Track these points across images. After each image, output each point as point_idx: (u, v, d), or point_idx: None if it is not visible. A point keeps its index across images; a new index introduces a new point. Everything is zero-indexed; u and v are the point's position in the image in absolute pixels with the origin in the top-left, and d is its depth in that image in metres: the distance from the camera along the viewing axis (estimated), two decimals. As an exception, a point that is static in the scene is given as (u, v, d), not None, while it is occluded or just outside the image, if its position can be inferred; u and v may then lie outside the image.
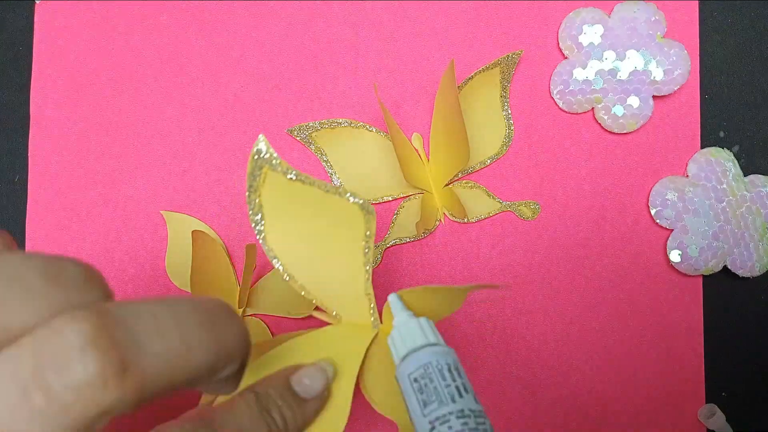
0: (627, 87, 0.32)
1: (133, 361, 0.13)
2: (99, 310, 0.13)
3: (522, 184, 0.33)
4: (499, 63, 0.32)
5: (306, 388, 0.22)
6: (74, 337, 0.12)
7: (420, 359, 0.20)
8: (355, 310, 0.26)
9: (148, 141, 0.34)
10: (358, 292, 0.25)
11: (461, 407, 0.18)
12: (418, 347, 0.20)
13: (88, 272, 0.14)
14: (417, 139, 0.33)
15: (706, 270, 0.32)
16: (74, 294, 0.13)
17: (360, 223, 0.23)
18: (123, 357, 0.13)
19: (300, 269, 0.25)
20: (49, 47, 0.35)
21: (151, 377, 0.13)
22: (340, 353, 0.25)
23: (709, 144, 0.33)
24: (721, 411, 0.31)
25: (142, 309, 0.14)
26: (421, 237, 0.33)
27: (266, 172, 0.22)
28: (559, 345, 0.32)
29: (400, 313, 0.23)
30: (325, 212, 0.23)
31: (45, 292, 0.13)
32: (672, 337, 0.32)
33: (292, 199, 0.23)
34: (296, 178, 0.22)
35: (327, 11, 0.34)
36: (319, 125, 0.33)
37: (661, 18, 0.32)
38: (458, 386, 0.19)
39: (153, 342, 0.13)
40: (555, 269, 0.33)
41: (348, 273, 0.25)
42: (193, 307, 0.15)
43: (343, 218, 0.23)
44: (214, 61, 0.34)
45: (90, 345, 0.12)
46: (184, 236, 0.33)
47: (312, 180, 0.22)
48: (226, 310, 0.16)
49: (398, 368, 0.21)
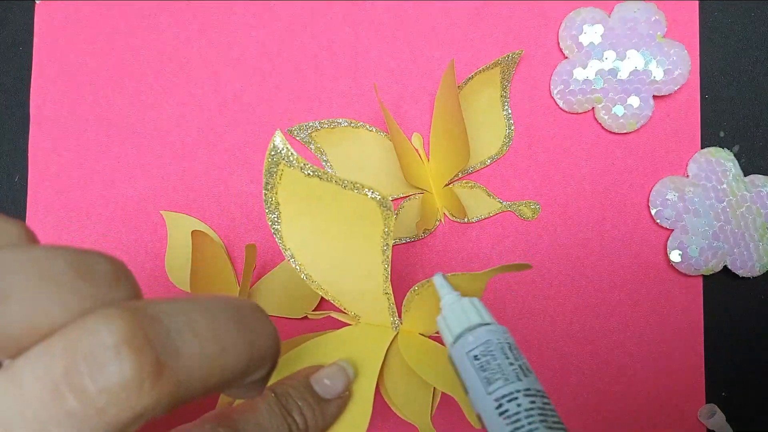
0: (627, 87, 0.32)
1: (168, 362, 0.12)
2: (133, 307, 0.12)
3: (522, 184, 0.33)
4: (499, 63, 0.32)
5: (327, 388, 0.22)
6: (109, 336, 0.12)
7: (480, 336, 0.19)
8: (374, 309, 0.26)
9: (148, 141, 0.34)
10: (376, 291, 0.25)
11: (527, 386, 0.17)
12: (475, 326, 0.19)
13: (119, 267, 0.14)
14: (417, 139, 0.33)
15: (706, 270, 0.32)
16: (105, 290, 0.13)
17: (378, 220, 0.22)
18: (159, 358, 0.12)
19: (317, 268, 0.24)
20: (49, 47, 0.35)
21: (187, 379, 0.13)
22: (360, 354, 0.25)
23: (709, 144, 0.33)
24: (721, 411, 0.31)
25: (176, 307, 0.13)
26: (421, 237, 0.33)
27: (283, 169, 0.21)
28: (559, 345, 0.32)
29: (449, 293, 0.21)
30: (343, 209, 0.22)
31: (75, 288, 0.12)
32: (672, 337, 0.32)
33: (309, 195, 0.22)
34: (313, 173, 0.21)
35: (327, 11, 0.34)
36: (319, 125, 0.33)
37: (661, 18, 0.32)
38: (521, 365, 0.18)
39: (188, 342, 0.13)
40: (555, 269, 0.33)
41: (366, 271, 0.24)
42: (226, 306, 0.14)
43: (360, 214, 0.22)
44: (214, 61, 0.34)
45: (125, 345, 0.12)
46: (184, 236, 0.33)
47: (329, 175, 0.21)
48: (258, 310, 0.15)
49: (453, 347, 0.19)
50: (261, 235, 0.34)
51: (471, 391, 0.18)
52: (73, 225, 0.34)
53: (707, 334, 0.32)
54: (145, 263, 0.34)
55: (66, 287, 0.12)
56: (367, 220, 0.22)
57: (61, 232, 0.34)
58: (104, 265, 0.13)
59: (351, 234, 0.23)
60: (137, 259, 0.34)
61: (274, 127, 0.34)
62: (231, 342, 0.14)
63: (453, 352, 0.19)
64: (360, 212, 0.22)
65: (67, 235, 0.34)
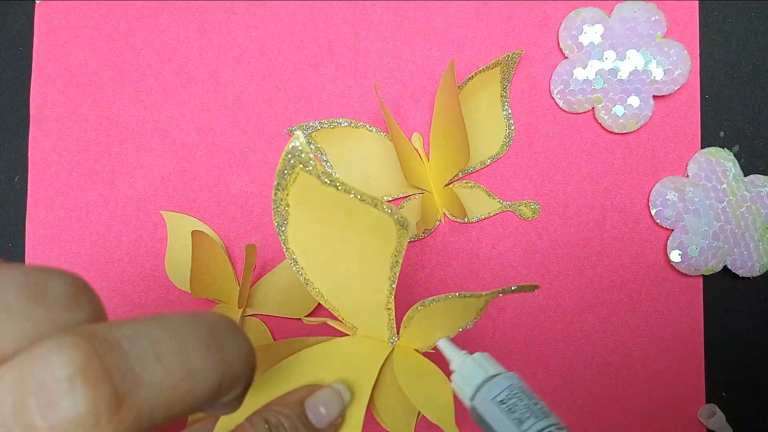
0: (627, 87, 0.32)
1: (128, 392, 0.11)
2: (88, 333, 0.11)
3: (522, 184, 0.33)
4: (499, 63, 0.32)
5: (321, 417, 0.22)
6: (60, 367, 0.11)
7: (500, 384, 0.20)
8: (373, 323, 0.25)
9: (148, 141, 0.34)
10: (378, 305, 0.25)
11: (555, 421, 0.18)
12: (492, 375, 0.20)
13: (76, 286, 0.12)
14: (417, 139, 0.33)
15: (706, 270, 0.32)
16: (60, 314, 0.12)
17: (392, 238, 0.22)
18: (117, 389, 0.11)
19: (319, 275, 0.24)
20: (49, 47, 0.35)
21: (149, 409, 0.12)
22: (355, 368, 0.25)
23: (709, 144, 0.33)
24: (721, 411, 0.31)
25: (138, 330, 0.12)
26: (421, 237, 0.33)
27: (298, 172, 0.20)
28: (560, 345, 0.32)
29: (457, 354, 0.22)
30: (357, 221, 0.21)
31: (26, 313, 0.11)
32: (672, 337, 0.32)
33: (321, 203, 0.21)
34: (330, 183, 0.20)
35: (327, 11, 0.34)
36: (319, 125, 0.33)
37: (661, 18, 0.32)
38: (542, 405, 0.19)
39: (151, 369, 0.12)
40: (555, 269, 0.33)
41: (370, 285, 0.24)
42: (195, 326, 0.13)
43: (375, 230, 0.22)
44: (214, 61, 0.34)
45: (79, 377, 0.11)
46: (184, 236, 0.33)
47: (347, 187, 0.20)
48: (231, 326, 0.14)
49: (476, 399, 0.20)
50: (261, 235, 0.34)
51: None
52: (73, 225, 0.34)
53: (707, 334, 0.32)
54: (145, 263, 0.34)
55: (16, 312, 0.11)
56: (380, 236, 0.22)
57: (61, 232, 0.34)
58: (60, 285, 0.12)
59: (361, 247, 0.22)
60: (137, 259, 0.34)
61: (274, 127, 0.34)
62: (200, 364, 0.13)
63: (477, 404, 0.20)
64: (375, 227, 0.22)
65: (67, 235, 0.34)
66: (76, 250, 0.34)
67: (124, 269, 0.34)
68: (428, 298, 0.23)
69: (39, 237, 0.35)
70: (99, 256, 0.34)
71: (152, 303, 0.34)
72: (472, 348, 0.32)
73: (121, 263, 0.34)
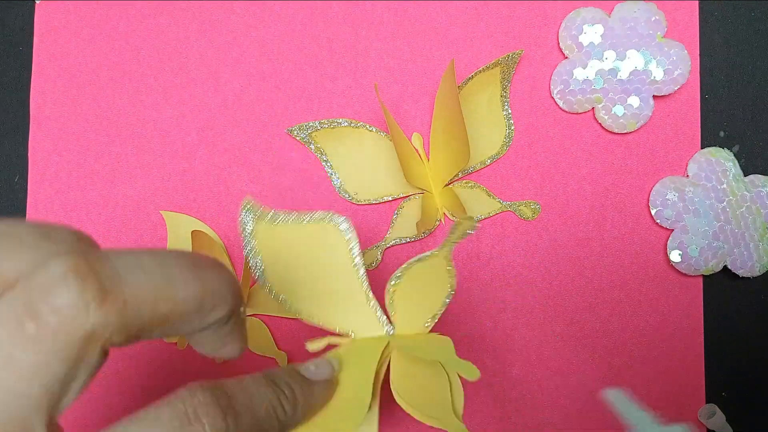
0: (627, 87, 0.32)
1: (112, 287, 0.14)
2: (83, 250, 0.14)
3: (522, 184, 0.33)
4: (499, 63, 0.32)
5: (312, 373, 0.23)
6: (56, 267, 0.14)
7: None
8: (364, 322, 0.26)
9: (148, 141, 0.34)
10: (361, 304, 0.26)
11: None
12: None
13: (80, 234, 0.15)
14: (417, 139, 0.33)
15: (706, 270, 0.32)
16: (64, 247, 0.14)
17: (340, 240, 0.24)
18: (102, 283, 0.14)
19: (304, 302, 0.26)
20: (49, 47, 0.35)
21: (133, 303, 0.14)
22: (359, 370, 0.25)
23: (709, 144, 0.33)
24: (721, 411, 0.31)
25: (124, 251, 0.15)
26: (421, 237, 0.33)
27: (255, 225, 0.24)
28: (559, 345, 0.32)
29: (643, 419, 0.23)
30: (308, 241, 0.24)
31: (36, 244, 0.14)
32: (672, 337, 0.32)
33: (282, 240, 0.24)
34: (279, 220, 0.24)
35: (327, 11, 0.34)
36: (319, 125, 0.33)
37: (661, 18, 0.32)
38: None
39: (133, 273, 0.14)
40: (555, 269, 0.33)
41: (346, 288, 0.25)
42: (177, 253, 0.16)
43: (325, 240, 0.24)
44: (214, 61, 0.34)
45: (71, 273, 0.13)
46: (184, 236, 0.33)
47: (287, 216, 0.24)
48: (212, 260, 0.17)
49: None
50: (261, 235, 0.34)
51: None
52: (73, 225, 0.34)
53: (707, 334, 0.32)
54: (145, 263, 0.34)
55: (28, 244, 0.14)
56: (331, 243, 0.24)
57: (61, 232, 0.34)
58: (65, 230, 0.15)
59: (324, 261, 0.25)
60: (137, 259, 0.34)
61: (274, 127, 0.34)
62: (179, 277, 0.15)
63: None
64: (323, 238, 0.24)
65: (67, 235, 0.34)
66: (76, 250, 0.34)
67: (124, 269, 0.34)
68: (393, 274, 0.25)
69: (39, 237, 0.35)
70: (99, 256, 0.34)
71: (152, 303, 0.34)
72: (470, 347, 0.32)
73: (121, 263, 0.34)
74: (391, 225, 0.33)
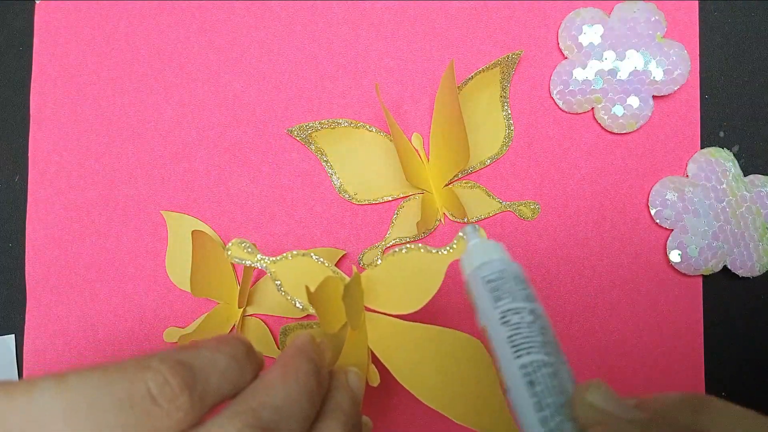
0: (627, 87, 0.32)
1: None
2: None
3: (522, 184, 0.33)
4: (499, 63, 0.32)
5: None
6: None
7: (494, 266, 0.21)
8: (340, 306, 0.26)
9: (148, 141, 0.34)
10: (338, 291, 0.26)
11: (533, 307, 0.19)
12: (492, 260, 0.21)
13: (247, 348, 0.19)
14: (417, 139, 0.33)
15: (706, 270, 0.32)
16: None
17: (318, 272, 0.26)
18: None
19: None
20: (49, 47, 0.35)
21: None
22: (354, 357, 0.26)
23: (709, 144, 0.33)
24: (721, 411, 0.31)
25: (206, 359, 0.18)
26: (421, 237, 0.33)
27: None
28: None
29: (475, 236, 0.24)
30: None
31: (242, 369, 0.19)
32: (672, 337, 0.32)
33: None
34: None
35: (327, 11, 0.34)
36: (319, 125, 0.33)
37: (661, 18, 0.32)
38: (531, 293, 0.20)
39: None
40: (555, 269, 0.33)
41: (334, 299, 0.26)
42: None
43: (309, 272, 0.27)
44: (214, 61, 0.34)
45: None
46: (184, 236, 0.33)
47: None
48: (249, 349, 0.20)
49: (470, 275, 0.21)
50: (261, 235, 0.34)
51: (479, 311, 0.20)
52: (73, 225, 0.34)
53: (707, 334, 0.32)
54: (145, 263, 0.34)
55: None
56: (314, 274, 0.26)
57: (61, 232, 0.34)
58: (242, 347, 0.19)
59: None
60: (137, 259, 0.34)
61: (274, 127, 0.34)
62: None
63: (470, 279, 0.21)
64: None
65: (67, 235, 0.34)
66: (76, 250, 0.34)
67: (125, 269, 0.34)
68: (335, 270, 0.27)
69: (39, 237, 0.35)
70: (99, 256, 0.34)
71: (152, 303, 0.34)
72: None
73: (121, 263, 0.34)
74: (391, 225, 0.33)
